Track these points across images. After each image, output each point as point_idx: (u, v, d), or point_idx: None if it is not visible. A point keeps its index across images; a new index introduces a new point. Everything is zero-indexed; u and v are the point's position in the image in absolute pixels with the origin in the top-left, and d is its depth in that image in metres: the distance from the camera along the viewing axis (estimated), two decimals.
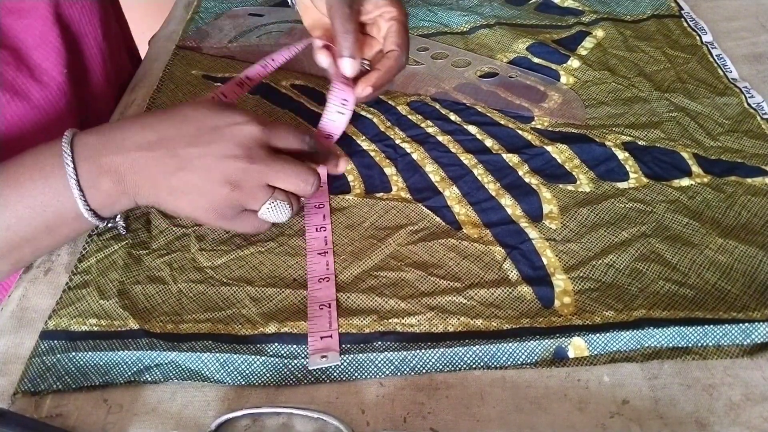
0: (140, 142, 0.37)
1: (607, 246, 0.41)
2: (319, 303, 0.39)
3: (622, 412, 0.33)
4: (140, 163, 0.37)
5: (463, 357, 0.36)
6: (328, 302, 0.39)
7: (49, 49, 0.48)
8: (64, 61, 0.49)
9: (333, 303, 0.39)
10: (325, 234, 0.43)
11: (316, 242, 0.43)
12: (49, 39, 0.48)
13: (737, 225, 0.42)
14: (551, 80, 0.56)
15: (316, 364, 0.36)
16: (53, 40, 0.48)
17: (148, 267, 0.41)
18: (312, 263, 0.41)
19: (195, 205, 0.38)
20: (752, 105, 0.52)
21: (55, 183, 0.37)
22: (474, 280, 0.40)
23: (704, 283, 0.39)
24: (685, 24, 0.62)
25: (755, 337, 0.36)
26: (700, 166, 0.47)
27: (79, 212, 0.37)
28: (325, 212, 0.45)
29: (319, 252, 0.42)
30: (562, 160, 0.48)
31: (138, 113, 0.53)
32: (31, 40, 0.47)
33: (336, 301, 0.39)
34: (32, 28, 0.47)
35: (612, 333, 0.36)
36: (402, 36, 0.46)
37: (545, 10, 0.65)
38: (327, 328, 0.37)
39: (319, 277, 0.40)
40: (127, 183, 0.37)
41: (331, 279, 0.40)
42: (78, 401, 0.35)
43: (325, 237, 0.43)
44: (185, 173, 0.37)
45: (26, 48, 0.47)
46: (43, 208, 0.37)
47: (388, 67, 0.46)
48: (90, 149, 0.37)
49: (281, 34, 0.63)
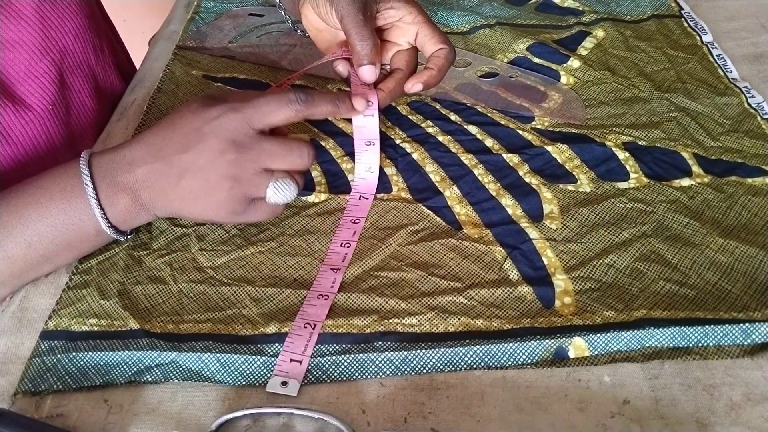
0: (142, 157, 0.38)
1: (608, 246, 0.41)
2: (307, 320, 0.38)
3: (622, 412, 0.33)
4: (148, 178, 0.38)
5: (463, 357, 0.36)
6: (314, 323, 0.37)
7: (35, 83, 0.48)
8: (51, 95, 0.49)
9: (318, 326, 0.37)
10: (347, 251, 0.42)
11: (335, 257, 0.42)
12: (36, 72, 0.47)
13: (738, 225, 0.42)
14: (551, 80, 0.56)
15: (274, 389, 0.34)
16: (41, 74, 0.48)
17: (148, 267, 0.41)
18: (321, 277, 0.40)
19: (206, 207, 0.39)
20: (752, 105, 0.52)
21: (76, 202, 0.38)
22: (474, 280, 0.40)
23: (705, 283, 0.39)
24: (686, 24, 0.62)
25: (756, 337, 0.36)
26: (700, 166, 0.47)
27: (101, 229, 0.39)
28: (357, 229, 0.43)
29: (332, 267, 0.41)
30: (563, 160, 0.48)
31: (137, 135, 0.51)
32: (16, 73, 0.46)
33: (321, 325, 0.37)
34: (19, 61, 0.46)
35: (612, 333, 0.36)
36: (440, 33, 0.46)
37: (545, 10, 0.65)
38: (301, 351, 0.36)
39: (320, 292, 0.39)
40: (143, 198, 0.39)
41: (330, 298, 0.39)
42: (78, 401, 0.35)
43: (345, 254, 0.42)
44: (186, 180, 0.38)
45: (11, 81, 0.46)
46: (65, 227, 0.38)
47: (440, 65, 0.45)
48: (105, 169, 0.38)
49: (281, 34, 0.63)
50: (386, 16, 0.46)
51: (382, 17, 0.46)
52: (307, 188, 0.47)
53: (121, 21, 0.83)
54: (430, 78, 0.45)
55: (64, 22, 0.50)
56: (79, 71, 0.53)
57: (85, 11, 0.53)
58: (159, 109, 0.54)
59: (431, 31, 0.46)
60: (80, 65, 0.53)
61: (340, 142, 0.50)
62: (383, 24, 0.46)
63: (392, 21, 0.46)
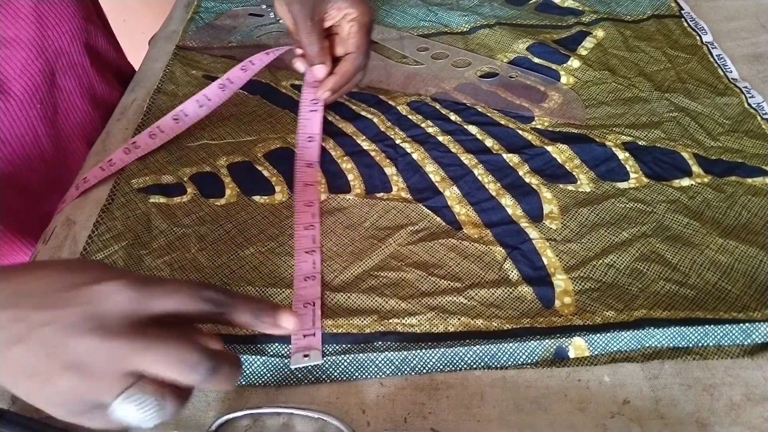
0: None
1: (608, 246, 0.41)
2: (304, 301, 0.38)
3: (622, 412, 0.33)
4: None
5: (463, 357, 0.36)
6: (313, 301, 0.38)
7: (29, 81, 0.48)
8: (41, 94, 0.49)
9: (318, 302, 0.38)
10: (313, 233, 0.43)
11: (304, 240, 0.42)
12: (31, 70, 0.48)
13: (738, 225, 0.42)
14: (551, 80, 0.56)
15: (299, 363, 0.35)
16: (35, 73, 0.48)
17: (148, 267, 0.41)
18: (299, 261, 0.41)
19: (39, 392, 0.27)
20: (752, 105, 0.52)
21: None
22: (474, 280, 0.40)
23: (705, 283, 0.39)
24: (686, 24, 0.62)
25: (756, 337, 0.36)
26: (700, 166, 0.47)
27: None
28: (314, 211, 0.44)
29: (306, 250, 0.42)
30: (563, 160, 0.48)
31: None
32: (12, 70, 0.47)
33: (321, 300, 0.39)
34: (15, 59, 0.46)
35: (612, 333, 0.36)
36: (359, 38, 0.48)
37: (545, 10, 0.65)
38: (311, 326, 0.37)
39: (305, 275, 0.40)
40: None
41: (317, 278, 0.40)
42: None
43: (313, 235, 0.43)
44: (23, 348, 0.27)
45: (6, 78, 0.46)
46: None
47: (344, 70, 0.49)
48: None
49: (281, 34, 0.63)
50: (331, 16, 0.48)
51: (330, 18, 0.48)
52: None
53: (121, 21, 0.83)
54: (335, 83, 0.49)
55: (62, 23, 0.50)
56: (72, 72, 0.53)
57: (82, 13, 0.53)
58: (159, 109, 0.54)
59: (354, 33, 0.48)
60: (74, 66, 0.53)
61: (340, 142, 0.50)
62: (332, 24, 0.49)
63: (338, 20, 0.48)
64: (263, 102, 0.55)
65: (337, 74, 0.49)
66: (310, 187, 0.46)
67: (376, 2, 0.66)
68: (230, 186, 0.47)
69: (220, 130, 0.52)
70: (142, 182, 0.47)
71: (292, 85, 0.57)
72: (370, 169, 0.48)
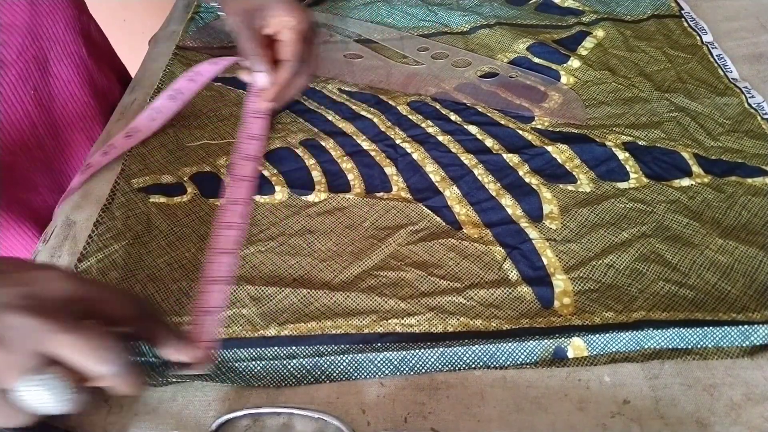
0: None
1: (608, 246, 0.41)
2: (204, 308, 0.37)
3: (622, 412, 0.33)
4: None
5: (462, 356, 0.36)
6: (213, 309, 0.37)
7: (23, 67, 0.48)
8: (33, 81, 0.49)
9: (220, 310, 0.37)
10: (236, 233, 0.41)
11: (222, 240, 0.41)
12: (26, 56, 0.48)
13: (737, 225, 0.42)
14: (551, 80, 0.56)
15: (180, 371, 0.34)
16: (30, 59, 0.48)
17: (148, 267, 0.41)
18: (209, 262, 0.39)
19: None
20: (752, 105, 0.52)
21: None
22: (474, 280, 0.40)
23: (704, 283, 0.39)
24: (686, 24, 0.62)
25: (754, 339, 0.36)
26: (700, 166, 0.47)
27: None
28: (242, 211, 0.43)
29: (220, 251, 0.40)
30: (563, 160, 0.48)
31: None
32: (10, 55, 0.47)
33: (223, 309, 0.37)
34: (12, 44, 0.47)
35: (611, 334, 0.36)
36: (295, 46, 0.48)
37: (545, 10, 0.65)
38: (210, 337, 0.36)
39: (214, 278, 0.38)
40: None
41: (228, 283, 0.39)
42: None
43: (235, 236, 0.41)
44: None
45: (3, 63, 0.47)
46: None
47: (281, 79, 0.49)
48: None
49: None
50: (271, 25, 0.49)
51: (270, 27, 0.49)
52: (307, 188, 0.47)
53: (121, 21, 0.83)
54: (273, 94, 0.49)
55: (55, 11, 0.51)
56: (69, 60, 0.54)
57: (75, 3, 0.54)
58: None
59: (290, 42, 0.48)
60: (70, 55, 0.54)
61: (340, 142, 0.50)
62: (273, 33, 0.49)
63: (278, 28, 0.49)
64: None
65: (275, 83, 0.49)
66: (243, 183, 0.45)
67: (377, 2, 0.66)
68: None
69: (220, 130, 0.52)
70: (142, 182, 0.47)
71: None
72: (370, 169, 0.48)
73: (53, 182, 0.52)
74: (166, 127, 0.52)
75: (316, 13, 0.66)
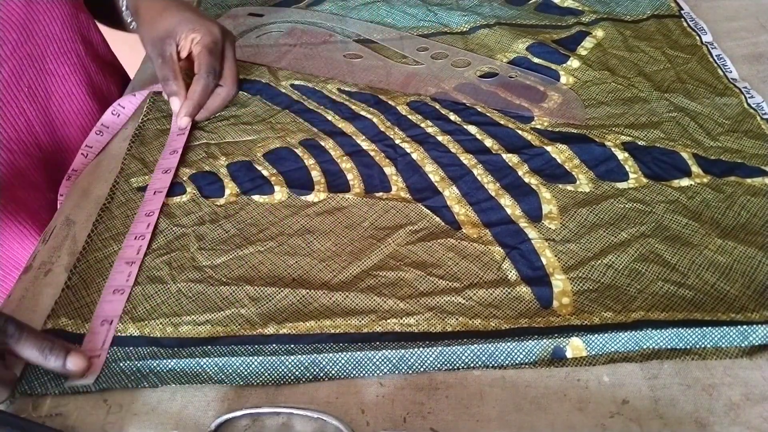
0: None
1: (607, 246, 0.41)
2: (104, 317, 0.38)
3: (621, 412, 0.33)
4: None
5: (461, 356, 0.36)
6: (111, 318, 0.38)
7: (17, 64, 0.49)
8: (28, 78, 0.50)
9: (116, 320, 0.38)
10: (141, 244, 0.42)
11: (129, 250, 0.42)
12: (20, 53, 0.49)
13: (737, 225, 0.42)
14: (551, 80, 0.56)
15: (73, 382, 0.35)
16: (24, 56, 0.49)
17: (147, 266, 0.41)
18: (115, 272, 0.41)
19: None
20: (752, 105, 0.52)
21: None
22: (473, 280, 0.40)
23: (703, 283, 0.39)
24: (685, 24, 0.62)
25: (753, 339, 0.36)
26: (699, 166, 0.47)
27: None
28: (151, 221, 0.44)
29: (127, 261, 0.41)
30: (562, 160, 0.48)
31: None
32: (3, 52, 0.48)
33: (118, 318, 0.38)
34: (6, 41, 0.47)
35: (610, 334, 0.36)
36: (203, 58, 0.50)
37: (545, 10, 0.65)
38: (99, 347, 0.37)
39: (116, 287, 0.40)
40: None
41: (126, 293, 0.39)
42: (78, 401, 0.35)
43: (140, 246, 0.42)
44: None
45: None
46: None
47: (192, 92, 0.50)
48: None
49: (281, 34, 0.63)
50: (183, 47, 0.51)
51: (183, 48, 0.51)
52: (307, 188, 0.47)
53: None
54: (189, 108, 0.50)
55: (52, 8, 0.52)
56: (66, 59, 0.54)
57: (72, 1, 0.55)
58: (159, 111, 0.54)
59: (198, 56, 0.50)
60: (67, 53, 0.54)
61: (340, 142, 0.50)
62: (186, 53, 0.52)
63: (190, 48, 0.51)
64: (263, 102, 0.55)
65: (188, 98, 0.50)
66: (159, 196, 0.46)
67: (376, 2, 0.66)
68: (230, 186, 0.47)
69: (220, 130, 0.52)
70: (141, 181, 0.47)
71: (291, 85, 0.57)
72: (369, 169, 0.48)
73: (52, 181, 0.52)
74: (167, 127, 0.52)
75: (317, 12, 0.66)
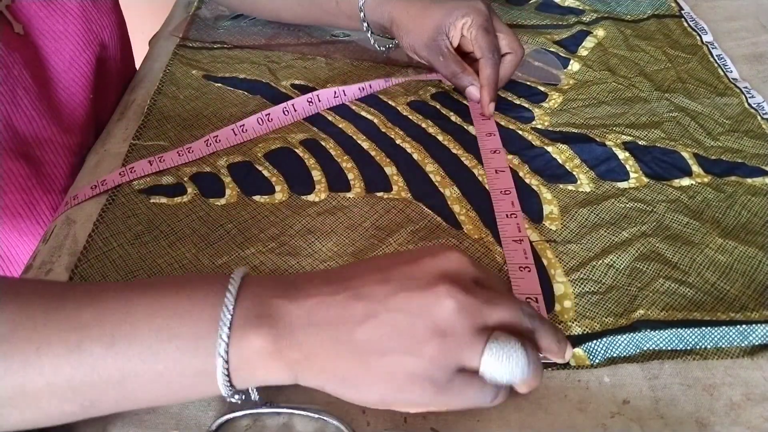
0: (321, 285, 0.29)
1: (608, 246, 0.41)
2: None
3: (622, 412, 0.33)
4: (317, 312, 0.28)
5: None
6: None
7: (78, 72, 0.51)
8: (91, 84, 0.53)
9: None
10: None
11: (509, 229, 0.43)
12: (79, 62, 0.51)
13: (737, 225, 0.42)
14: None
15: None
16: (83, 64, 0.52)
17: (149, 267, 0.41)
18: None
19: (394, 370, 0.27)
20: (753, 105, 0.52)
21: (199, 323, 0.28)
22: None
23: (704, 282, 0.39)
24: (686, 24, 0.62)
25: (753, 339, 0.36)
26: (700, 166, 0.47)
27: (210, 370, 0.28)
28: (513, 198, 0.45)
29: None
30: (563, 160, 0.48)
31: None
32: (62, 62, 0.50)
33: None
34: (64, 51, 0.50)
35: (610, 338, 0.36)
36: (481, 41, 0.50)
37: (546, 10, 0.65)
38: None
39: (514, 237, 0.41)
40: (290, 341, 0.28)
41: None
42: None
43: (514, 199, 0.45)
44: (376, 322, 0.27)
45: (57, 70, 0.50)
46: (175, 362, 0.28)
47: (485, 77, 0.50)
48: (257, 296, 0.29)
49: (279, 33, 0.63)
50: (455, 37, 0.51)
51: (454, 38, 0.51)
52: (307, 188, 0.47)
53: None
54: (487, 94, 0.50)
55: (103, 17, 0.54)
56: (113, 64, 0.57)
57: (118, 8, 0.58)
58: (159, 111, 0.54)
59: (475, 38, 0.50)
60: (113, 59, 0.57)
61: (340, 142, 0.50)
62: (459, 40, 0.51)
63: (462, 34, 0.51)
64: (263, 102, 0.55)
65: (485, 85, 0.50)
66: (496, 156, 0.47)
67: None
68: (230, 186, 0.47)
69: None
70: (143, 183, 0.47)
71: (292, 84, 0.57)
72: (370, 169, 0.48)
73: (51, 181, 0.52)
74: (167, 128, 0.52)
75: None
